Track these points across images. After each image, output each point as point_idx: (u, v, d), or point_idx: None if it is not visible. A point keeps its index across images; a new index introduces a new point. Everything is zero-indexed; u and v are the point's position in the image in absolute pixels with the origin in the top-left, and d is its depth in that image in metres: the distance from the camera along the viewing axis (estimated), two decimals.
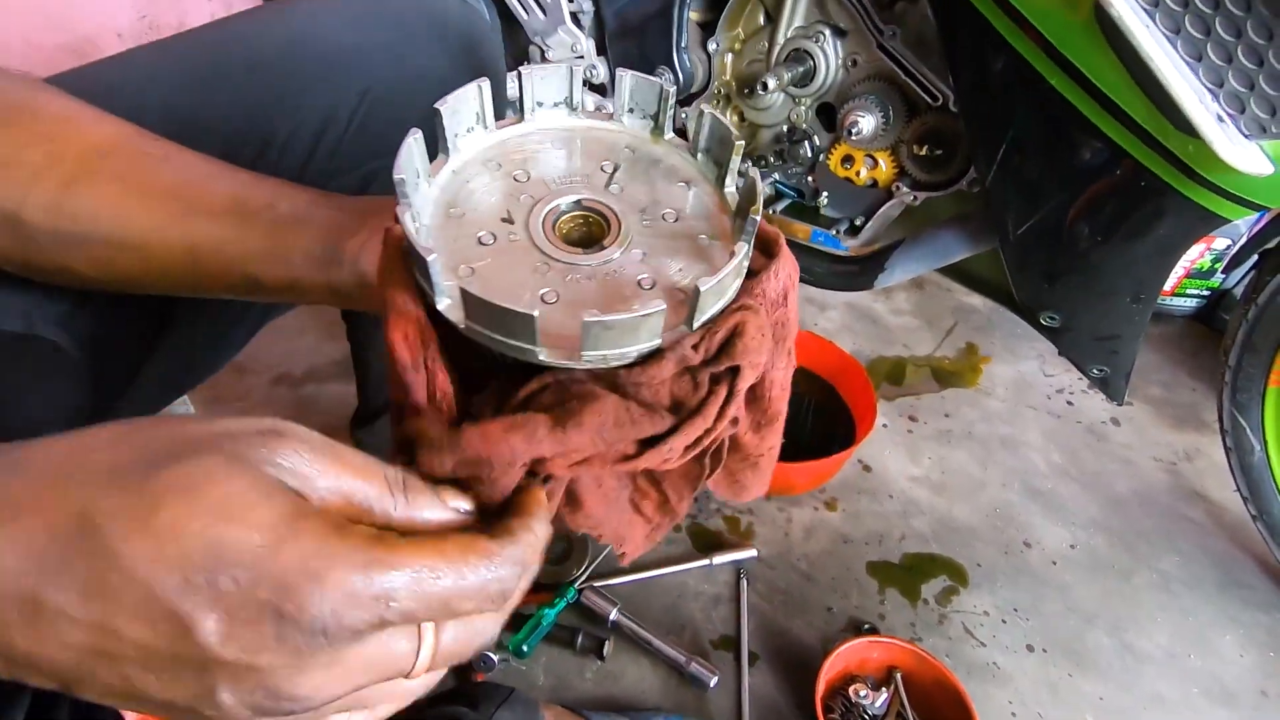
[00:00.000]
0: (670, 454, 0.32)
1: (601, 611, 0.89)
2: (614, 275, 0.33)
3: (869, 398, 1.08)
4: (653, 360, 0.31)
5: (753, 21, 0.93)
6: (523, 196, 0.35)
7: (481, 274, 0.33)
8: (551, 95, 0.38)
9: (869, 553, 1.01)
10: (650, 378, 0.31)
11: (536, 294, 0.32)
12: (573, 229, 0.36)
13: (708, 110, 0.37)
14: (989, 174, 0.75)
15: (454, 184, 0.36)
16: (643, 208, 0.36)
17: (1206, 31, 0.49)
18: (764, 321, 0.32)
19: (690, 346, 0.31)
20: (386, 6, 0.56)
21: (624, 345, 0.31)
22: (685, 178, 0.38)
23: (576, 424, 0.30)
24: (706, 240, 0.35)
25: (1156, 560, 1.01)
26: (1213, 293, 1.38)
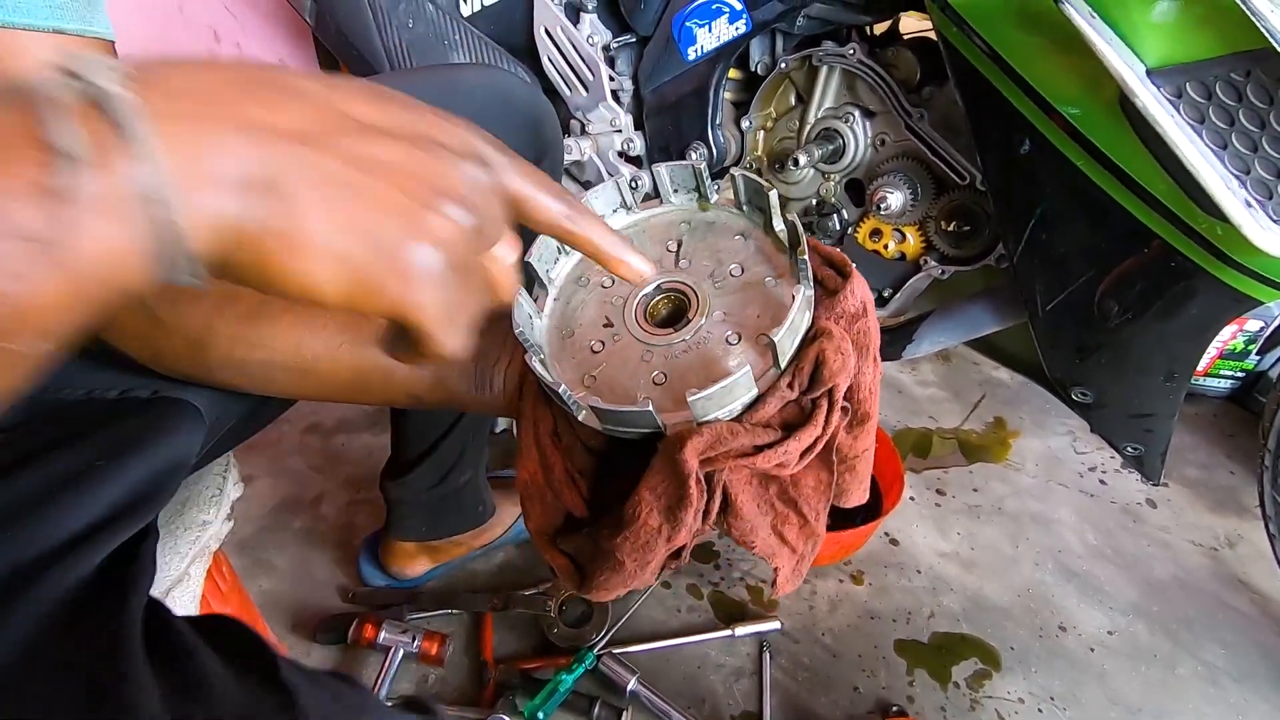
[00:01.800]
0: (787, 457, 0.37)
1: (620, 680, 0.87)
2: (706, 341, 0.39)
3: (896, 468, 1.07)
4: (757, 405, 0.37)
5: (784, 102, 0.98)
6: (614, 299, 0.42)
7: (602, 377, 0.40)
8: (609, 205, 0.45)
9: (897, 630, 0.98)
10: (759, 419, 0.37)
11: (649, 379, 0.39)
12: (660, 309, 0.42)
13: (737, 172, 0.43)
14: (1017, 250, 0.76)
15: (558, 309, 0.43)
16: (711, 272, 0.42)
17: (1230, 121, 0.51)
18: (839, 342, 0.37)
19: (786, 386, 0.37)
20: (459, 87, 0.60)
21: (728, 404, 0.37)
22: (739, 230, 0.43)
23: (697, 433, 0.36)
24: (773, 282, 0.40)
25: (1201, 650, 0.97)
26: (1247, 374, 1.36)
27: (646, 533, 0.37)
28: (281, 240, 0.23)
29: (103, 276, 0.22)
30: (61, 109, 0.20)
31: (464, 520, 0.98)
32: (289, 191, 0.23)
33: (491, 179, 0.28)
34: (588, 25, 0.99)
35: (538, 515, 0.43)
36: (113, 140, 0.21)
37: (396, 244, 0.25)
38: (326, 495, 1.16)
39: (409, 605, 0.96)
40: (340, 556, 1.06)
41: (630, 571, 0.39)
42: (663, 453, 0.37)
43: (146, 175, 0.21)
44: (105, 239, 0.21)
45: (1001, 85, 0.68)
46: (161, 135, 0.21)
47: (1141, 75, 0.52)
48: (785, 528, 0.41)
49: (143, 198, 0.21)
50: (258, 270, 0.24)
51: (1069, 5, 0.51)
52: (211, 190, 0.22)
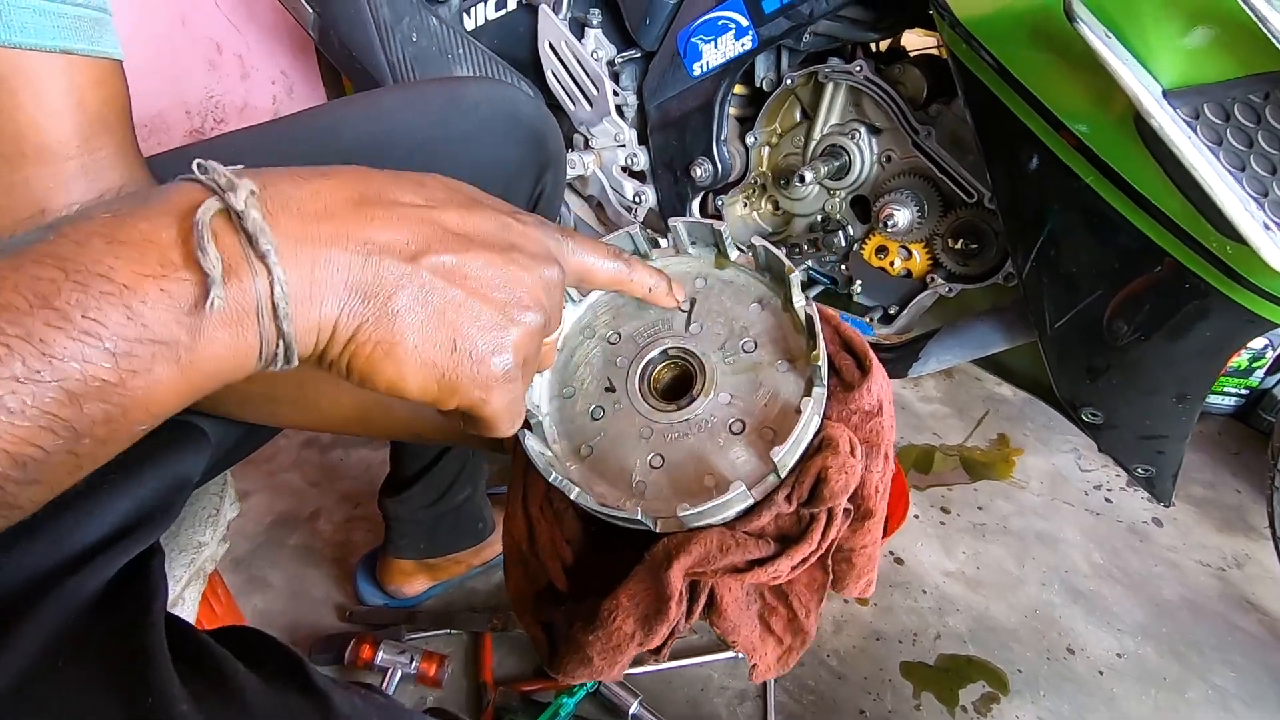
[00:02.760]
0: (778, 573, 0.36)
1: (622, 704, 0.85)
2: (708, 426, 0.38)
3: (901, 486, 1.05)
4: (752, 514, 0.36)
5: (790, 118, 0.97)
6: (619, 360, 0.41)
7: (599, 450, 0.39)
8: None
9: (903, 651, 0.96)
10: (752, 529, 0.35)
11: (646, 460, 0.38)
12: (665, 376, 0.41)
13: (759, 241, 0.40)
14: (1025, 268, 0.76)
15: (561, 361, 0.42)
16: (722, 343, 0.40)
17: (1249, 143, 0.50)
18: (844, 460, 0.35)
19: (783, 498, 0.35)
20: (464, 100, 0.60)
21: (720, 515, 0.36)
22: (757, 297, 0.41)
23: (685, 552, 0.35)
24: (785, 367, 0.39)
25: (1210, 674, 0.95)
26: (1251, 391, 1.35)
27: (619, 636, 0.36)
28: (379, 346, 0.27)
29: (216, 373, 0.25)
30: (206, 231, 0.23)
31: (463, 538, 0.97)
32: (389, 303, 0.26)
33: (561, 271, 0.31)
34: (592, 40, 0.99)
35: (519, 579, 0.42)
36: (244, 258, 0.24)
37: (479, 354, 0.28)
38: (323, 511, 1.15)
39: (407, 625, 0.95)
40: (337, 574, 1.05)
41: (598, 668, 0.38)
42: (648, 564, 0.36)
43: (269, 291, 0.24)
44: (226, 345, 0.24)
45: (1010, 102, 0.67)
46: (285, 255, 0.25)
47: (1158, 96, 0.51)
48: (773, 619, 0.40)
49: (263, 310, 0.24)
50: (353, 367, 0.27)
51: (1084, 26, 0.50)
52: (322, 301, 0.26)
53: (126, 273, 0.22)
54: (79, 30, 0.37)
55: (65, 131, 0.38)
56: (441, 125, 0.59)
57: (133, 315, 0.22)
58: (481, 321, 0.28)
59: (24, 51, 0.35)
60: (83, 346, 0.22)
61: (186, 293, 0.23)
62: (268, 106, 1.53)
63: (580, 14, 0.99)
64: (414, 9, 1.01)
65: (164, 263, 0.23)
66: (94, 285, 0.22)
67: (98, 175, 0.40)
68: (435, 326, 0.27)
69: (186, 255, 0.23)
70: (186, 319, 0.23)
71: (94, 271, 0.22)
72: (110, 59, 0.40)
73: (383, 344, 0.27)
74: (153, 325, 0.23)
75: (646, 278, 0.37)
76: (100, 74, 0.39)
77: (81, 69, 0.38)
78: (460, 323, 0.28)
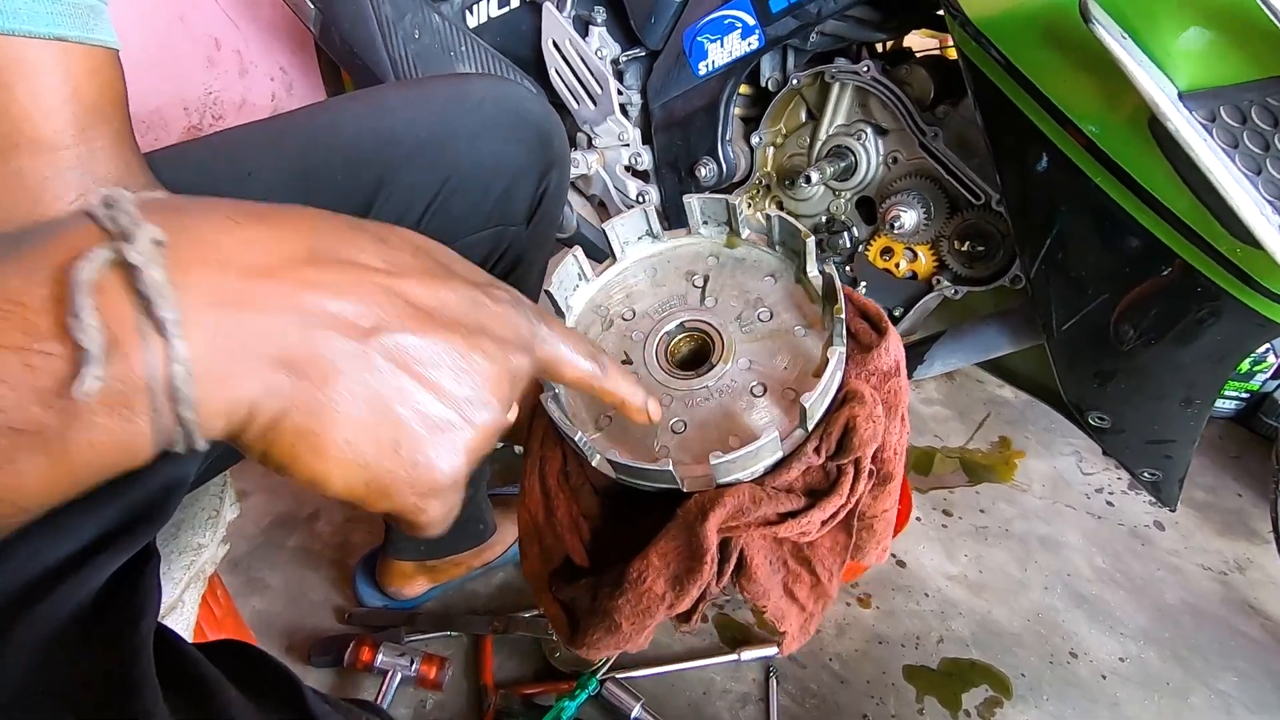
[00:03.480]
0: (809, 526, 0.35)
1: (624, 707, 0.84)
2: (729, 390, 0.37)
3: (904, 488, 1.05)
4: (780, 468, 0.35)
5: (795, 118, 0.97)
6: (634, 334, 0.40)
7: (618, 419, 0.38)
8: (634, 232, 0.43)
9: (905, 655, 0.96)
10: (780, 484, 0.35)
11: (668, 425, 0.37)
12: (682, 348, 0.41)
13: (775, 214, 0.40)
14: (1033, 269, 0.75)
15: None
16: (738, 314, 0.40)
17: (1265, 146, 0.50)
18: (871, 409, 0.35)
19: (812, 450, 0.35)
20: (468, 97, 0.59)
21: (751, 467, 0.35)
22: (769, 270, 0.41)
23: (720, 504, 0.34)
24: (802, 332, 0.39)
25: (1214, 679, 0.95)
26: (1252, 395, 1.35)
27: (649, 598, 0.35)
28: (303, 438, 0.22)
29: (98, 464, 0.20)
30: (84, 291, 0.18)
31: (463, 539, 0.96)
32: (324, 387, 0.22)
33: (532, 362, 0.28)
34: (596, 39, 0.98)
35: (535, 558, 0.41)
36: (136, 327, 0.19)
37: (425, 460, 0.24)
38: (322, 512, 1.14)
39: (407, 627, 0.94)
40: (336, 576, 1.04)
41: (626, 634, 0.37)
42: (680, 520, 0.35)
43: (164, 369, 0.19)
44: (108, 432, 0.19)
45: (1021, 102, 0.67)
46: (194, 322, 0.20)
47: (1173, 98, 0.51)
48: (796, 586, 0.39)
49: (155, 391, 0.20)
50: (269, 455, 0.23)
51: (1099, 27, 0.50)
52: (238, 380, 0.21)
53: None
54: (74, 18, 0.37)
55: (60, 121, 0.37)
56: (445, 122, 0.58)
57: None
58: (433, 420, 0.24)
59: (17, 38, 0.34)
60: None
61: (55, 370, 0.18)
62: (266, 103, 1.52)
63: (584, 12, 0.98)
64: (416, 6, 1.01)
65: (29, 331, 0.18)
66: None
67: (93, 166, 0.39)
68: (376, 422, 0.23)
69: (59, 322, 0.18)
70: (55, 402, 0.19)
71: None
72: (106, 48, 0.39)
73: (309, 435, 0.22)
74: (10, 410, 0.18)
75: (621, 385, 0.32)
76: (95, 63, 0.38)
77: (76, 57, 0.37)
78: (409, 420, 0.23)
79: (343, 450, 0.22)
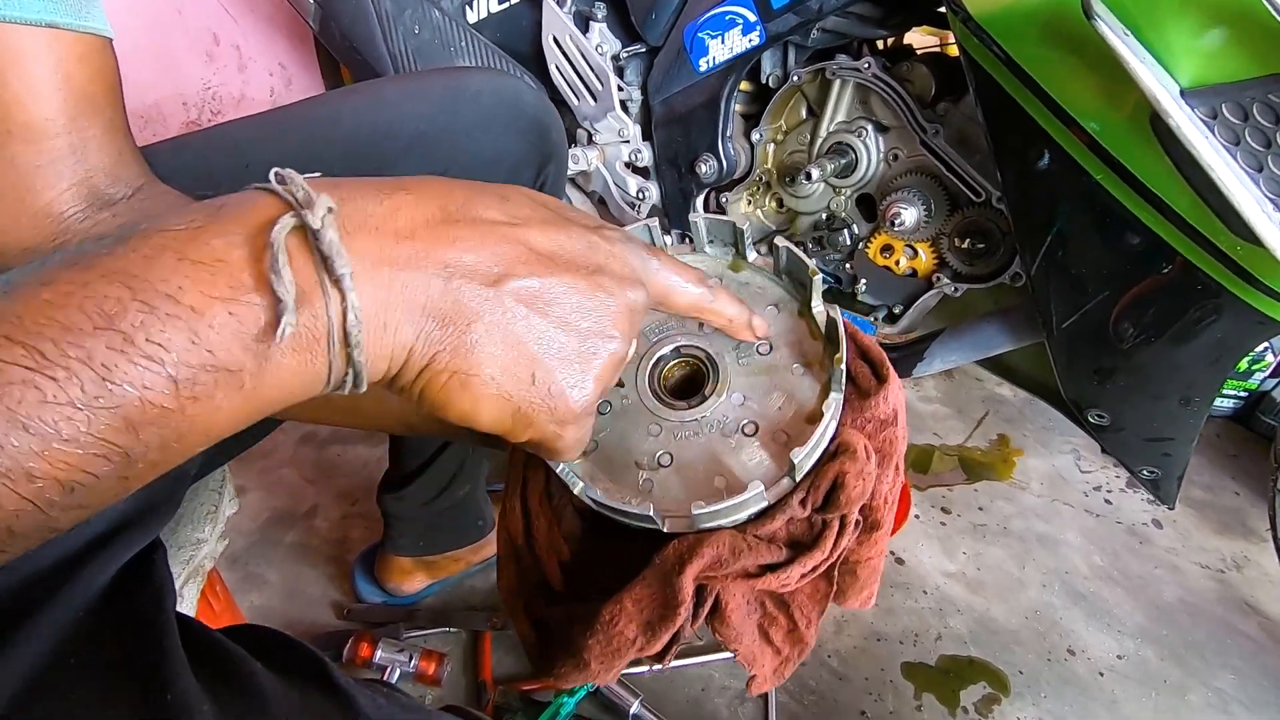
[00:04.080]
0: (788, 579, 0.34)
1: (623, 703, 0.84)
2: (720, 426, 0.36)
3: (903, 487, 1.05)
4: (764, 517, 0.34)
5: (795, 115, 0.97)
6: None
7: (604, 444, 0.37)
8: None
9: (904, 652, 0.96)
10: (763, 533, 0.34)
11: (654, 457, 0.36)
12: (675, 374, 0.40)
13: (781, 242, 0.39)
14: (1033, 266, 0.75)
15: None
16: (736, 344, 0.39)
17: (1267, 144, 0.50)
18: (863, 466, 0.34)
19: (797, 502, 0.34)
20: (466, 90, 0.59)
21: (734, 516, 0.34)
22: (773, 300, 0.40)
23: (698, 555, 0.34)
24: (800, 370, 0.37)
25: (1211, 677, 0.95)
26: (1250, 394, 1.36)
27: (620, 641, 0.35)
28: (455, 376, 0.25)
29: (280, 399, 0.24)
30: (282, 252, 0.22)
31: (462, 535, 0.96)
32: (468, 331, 0.25)
33: (647, 293, 0.30)
34: (597, 34, 0.98)
35: (511, 576, 0.41)
36: (318, 282, 0.22)
37: (558, 389, 0.27)
38: (320, 508, 1.14)
39: (405, 623, 0.94)
40: (334, 572, 1.04)
41: (594, 672, 0.36)
42: (657, 568, 0.34)
43: (342, 317, 0.23)
44: (293, 372, 0.23)
45: (1022, 98, 0.67)
46: (361, 278, 0.23)
47: (1175, 95, 0.51)
48: (773, 629, 0.38)
49: (334, 337, 0.23)
50: (426, 396, 0.26)
51: (1102, 23, 0.50)
52: (398, 328, 0.24)
53: (195, 294, 0.21)
54: (66, 5, 0.37)
55: (52, 108, 0.37)
56: (443, 115, 0.58)
57: (198, 340, 0.21)
58: (564, 353, 0.27)
59: (8, 25, 0.34)
60: (144, 372, 0.21)
61: (257, 318, 0.22)
62: (265, 98, 1.52)
63: (585, 8, 0.98)
64: (416, 1, 1.00)
65: (234, 284, 0.22)
66: (161, 307, 0.21)
67: (85, 154, 0.39)
68: (514, 358, 0.26)
69: (259, 277, 0.22)
70: (254, 345, 0.22)
71: (161, 292, 0.21)
72: (99, 35, 0.39)
73: (459, 374, 0.25)
74: (218, 352, 0.21)
75: (728, 307, 0.34)
76: (87, 50, 0.38)
77: (68, 44, 0.37)
78: (541, 354, 0.26)
79: (487, 385, 0.26)
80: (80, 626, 0.29)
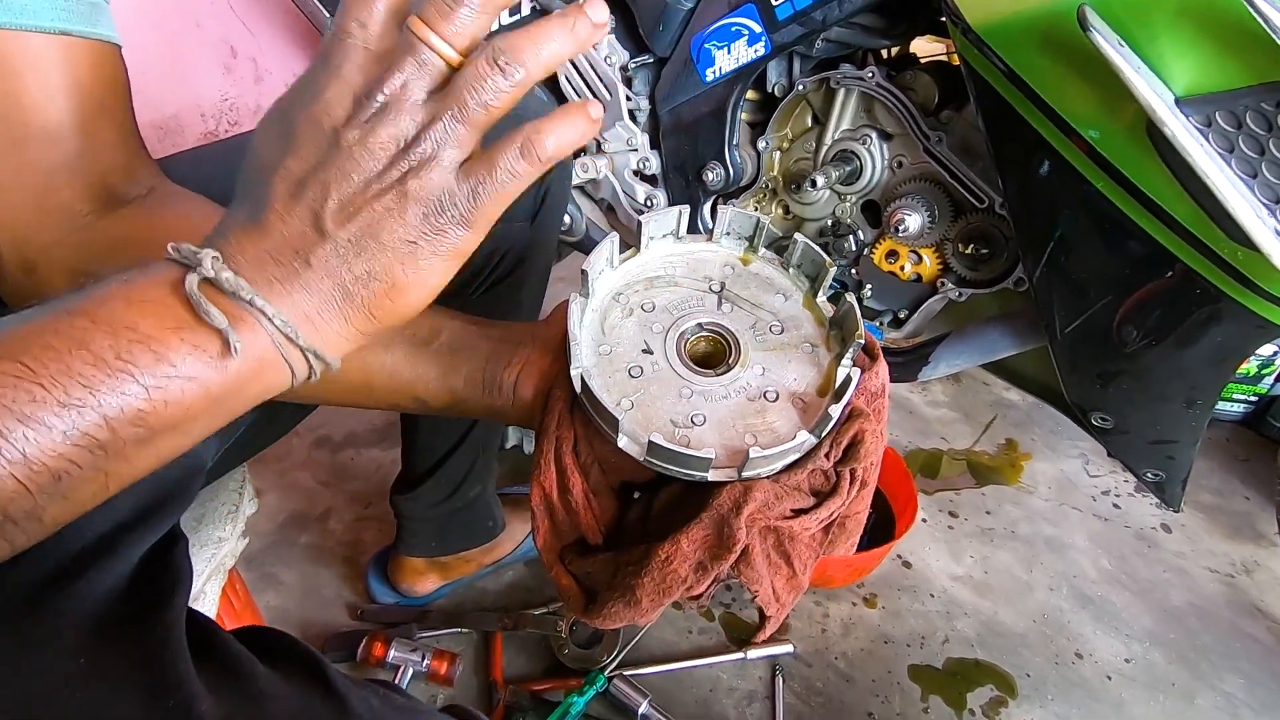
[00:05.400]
0: (814, 524, 0.40)
1: (631, 704, 0.86)
2: (745, 390, 0.41)
3: (909, 490, 1.06)
4: (795, 467, 0.39)
5: (801, 123, 0.98)
6: (654, 326, 0.43)
7: (640, 405, 0.40)
8: (662, 229, 0.46)
9: (911, 655, 0.97)
10: (794, 483, 0.39)
11: (688, 417, 0.40)
12: (699, 347, 0.43)
13: (801, 240, 0.44)
14: (1036, 273, 0.76)
15: (596, 322, 0.43)
16: (752, 324, 0.43)
17: (1261, 151, 0.51)
18: (877, 426, 0.40)
19: (822, 455, 0.39)
20: None
21: (776, 465, 0.38)
22: (781, 289, 0.45)
23: (750, 499, 0.38)
24: (810, 348, 0.42)
25: (1219, 681, 0.95)
26: (1260, 398, 1.35)
27: (672, 579, 0.38)
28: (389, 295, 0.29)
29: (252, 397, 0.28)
30: (201, 299, 0.26)
31: (474, 536, 0.98)
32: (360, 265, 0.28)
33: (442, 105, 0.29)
34: (605, 45, 1.00)
35: (547, 533, 0.43)
36: (237, 306, 0.27)
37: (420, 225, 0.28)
38: (334, 511, 1.16)
39: (418, 623, 0.95)
40: (348, 573, 1.05)
41: (644, 609, 0.39)
42: (714, 511, 0.38)
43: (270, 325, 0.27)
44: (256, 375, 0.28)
45: (1022, 108, 0.68)
46: (269, 293, 0.27)
47: (1170, 104, 0.52)
48: (776, 578, 0.42)
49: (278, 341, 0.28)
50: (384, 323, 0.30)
51: (1097, 34, 0.51)
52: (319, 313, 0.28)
53: (149, 325, 0.26)
54: (77, 13, 0.39)
55: (67, 111, 0.39)
56: None
57: (160, 358, 0.26)
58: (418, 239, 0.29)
59: (24, 33, 0.36)
60: (118, 380, 0.25)
61: (210, 341, 0.27)
62: None
63: None
64: None
65: (179, 321, 0.26)
66: (122, 334, 0.25)
67: (100, 155, 0.41)
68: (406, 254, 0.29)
69: (193, 315, 0.26)
70: (214, 362, 0.27)
71: (120, 324, 0.25)
72: (109, 43, 0.41)
73: (390, 293, 0.29)
74: (180, 366, 0.26)
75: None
76: (99, 57, 0.40)
77: (80, 51, 0.39)
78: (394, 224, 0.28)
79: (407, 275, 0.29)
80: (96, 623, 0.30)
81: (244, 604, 0.71)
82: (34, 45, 0.37)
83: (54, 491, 0.25)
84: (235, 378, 0.27)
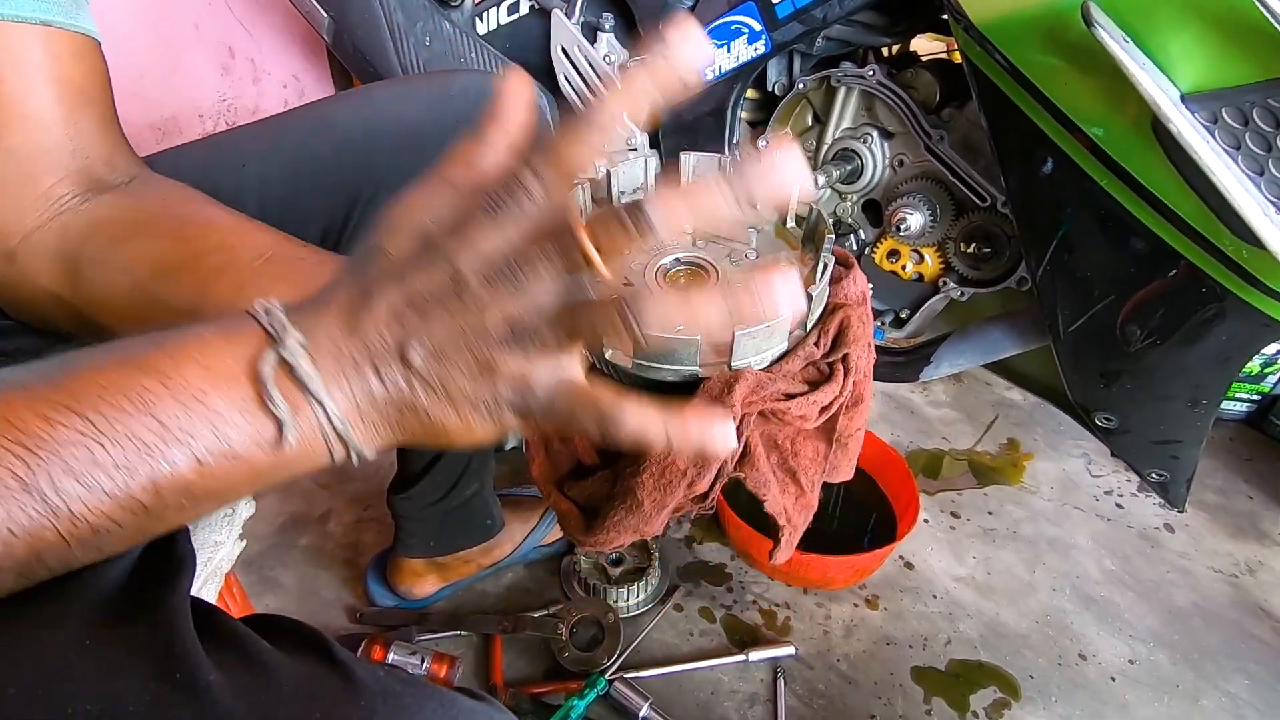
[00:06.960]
0: (810, 409, 0.39)
1: (632, 706, 0.85)
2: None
3: (911, 490, 1.05)
4: (785, 358, 0.39)
5: (801, 121, 0.98)
6: (633, 265, 0.43)
7: None
8: (631, 183, 0.47)
9: (913, 656, 0.96)
10: (786, 372, 0.39)
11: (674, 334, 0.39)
12: (680, 279, 0.44)
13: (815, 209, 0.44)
14: (1038, 271, 0.76)
15: None
16: (728, 253, 0.44)
17: (1268, 148, 0.50)
18: (860, 311, 0.41)
19: (812, 343, 0.39)
20: (451, 90, 0.61)
21: (765, 350, 0.38)
22: (750, 223, 0.45)
23: (741, 379, 0.37)
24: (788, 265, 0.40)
25: (1225, 681, 0.95)
26: (1263, 397, 1.35)
27: (672, 473, 0.38)
28: (429, 431, 0.30)
29: (289, 476, 0.29)
30: (272, 385, 0.27)
31: (472, 535, 0.97)
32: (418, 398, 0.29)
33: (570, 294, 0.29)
34: (605, 44, 0.99)
35: (543, 464, 0.43)
36: (303, 398, 0.28)
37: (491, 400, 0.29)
38: (334, 513, 1.15)
39: (417, 626, 0.95)
40: (347, 575, 1.05)
41: (646, 513, 0.39)
42: (704, 394, 0.37)
43: (326, 422, 0.28)
44: (299, 461, 0.28)
45: (1025, 105, 0.67)
46: (329, 389, 0.28)
47: (1176, 100, 0.51)
48: (784, 497, 0.42)
49: (328, 435, 0.28)
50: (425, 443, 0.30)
51: (1102, 30, 0.50)
52: (371, 415, 0.29)
53: (218, 401, 0.26)
54: (58, 5, 0.39)
55: (49, 101, 0.39)
56: (429, 113, 0.60)
57: (219, 436, 0.26)
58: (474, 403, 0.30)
59: (6, 23, 0.37)
60: (174, 450, 0.26)
61: (267, 427, 0.27)
62: (279, 110, 1.54)
63: (592, 18, 0.99)
64: (427, 13, 1.02)
65: (245, 401, 0.27)
66: (191, 406, 0.26)
67: (81, 144, 0.41)
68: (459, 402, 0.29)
69: (259, 397, 0.27)
70: (266, 445, 0.27)
71: (190, 392, 0.26)
72: (89, 36, 0.41)
73: (431, 429, 0.29)
74: (235, 446, 0.27)
75: None
76: (80, 48, 0.40)
77: (61, 41, 0.39)
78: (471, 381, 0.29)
79: (460, 424, 0.30)
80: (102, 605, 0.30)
81: (242, 608, 0.70)
82: (15, 35, 0.37)
83: (91, 544, 0.26)
84: (281, 460, 0.28)
